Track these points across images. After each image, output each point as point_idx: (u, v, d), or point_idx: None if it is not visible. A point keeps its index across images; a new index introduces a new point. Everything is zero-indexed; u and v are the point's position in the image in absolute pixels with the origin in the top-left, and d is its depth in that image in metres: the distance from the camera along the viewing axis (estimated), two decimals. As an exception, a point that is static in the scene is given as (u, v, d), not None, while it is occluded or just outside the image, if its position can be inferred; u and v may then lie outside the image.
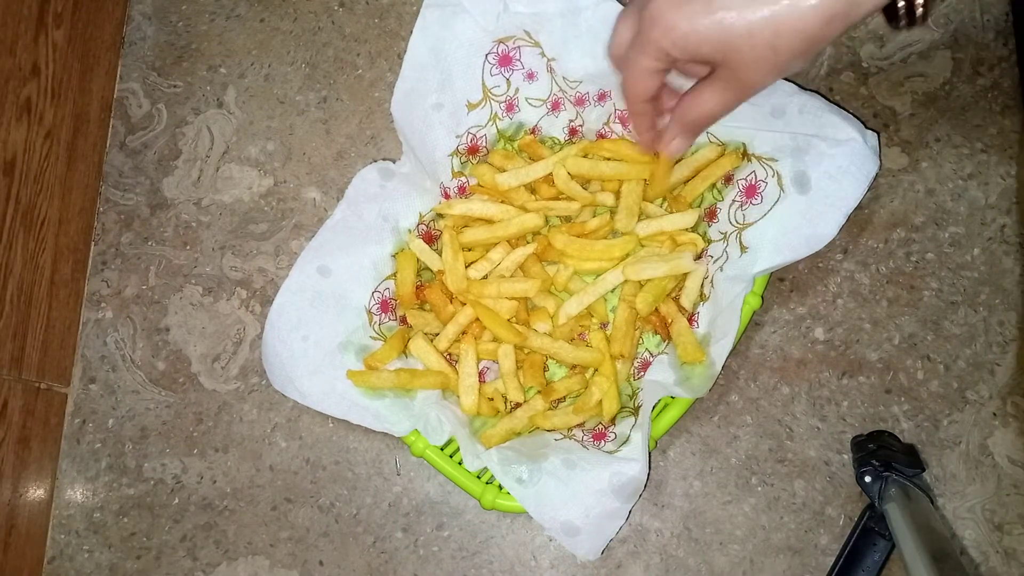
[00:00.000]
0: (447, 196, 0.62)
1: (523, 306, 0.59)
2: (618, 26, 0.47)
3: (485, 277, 0.60)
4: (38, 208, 0.63)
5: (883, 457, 0.56)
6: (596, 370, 0.59)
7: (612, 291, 0.59)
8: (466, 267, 0.59)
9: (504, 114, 0.62)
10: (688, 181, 0.60)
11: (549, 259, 0.61)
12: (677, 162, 0.61)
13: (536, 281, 0.58)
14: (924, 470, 0.57)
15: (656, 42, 0.42)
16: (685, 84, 0.48)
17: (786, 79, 0.57)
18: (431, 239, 0.62)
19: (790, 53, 0.40)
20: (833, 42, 0.65)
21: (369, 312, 0.60)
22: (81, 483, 0.63)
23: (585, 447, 0.57)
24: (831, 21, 0.39)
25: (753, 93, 0.44)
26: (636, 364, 0.60)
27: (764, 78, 0.43)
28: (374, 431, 0.58)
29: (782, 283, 0.63)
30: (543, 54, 0.60)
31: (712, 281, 0.58)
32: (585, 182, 0.62)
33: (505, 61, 0.60)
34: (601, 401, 0.57)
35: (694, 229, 0.60)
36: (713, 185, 0.60)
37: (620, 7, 0.58)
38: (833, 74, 0.65)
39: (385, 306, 0.60)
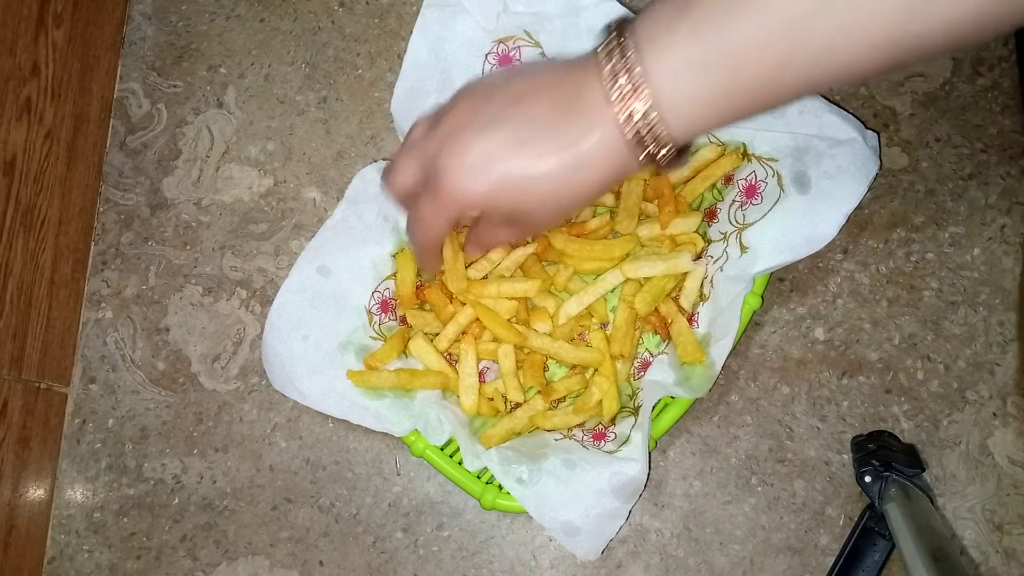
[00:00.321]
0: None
1: (523, 306, 0.59)
2: (400, 163, 0.45)
3: (485, 277, 0.60)
4: (38, 208, 0.63)
5: (883, 457, 0.56)
6: (596, 370, 0.59)
7: (612, 291, 0.59)
8: (466, 267, 0.59)
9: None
10: (688, 181, 0.60)
11: (549, 259, 0.61)
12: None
13: (536, 281, 0.58)
14: (924, 470, 0.57)
15: (449, 206, 0.42)
16: None
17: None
18: (431, 239, 0.62)
19: (571, 202, 0.41)
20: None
21: (369, 312, 0.60)
22: (81, 483, 0.63)
23: (585, 447, 0.57)
24: (609, 180, 0.40)
25: (540, 231, 0.52)
26: (636, 364, 0.60)
27: (551, 222, 0.45)
28: (374, 431, 0.58)
29: (782, 283, 0.63)
30: (543, 54, 0.60)
31: (712, 281, 0.58)
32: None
33: (505, 61, 0.60)
34: (601, 401, 0.57)
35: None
36: (713, 185, 0.60)
37: (620, 7, 0.58)
38: (833, 74, 0.65)
39: (385, 306, 0.60)
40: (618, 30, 0.37)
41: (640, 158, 0.38)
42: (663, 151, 0.37)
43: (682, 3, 0.35)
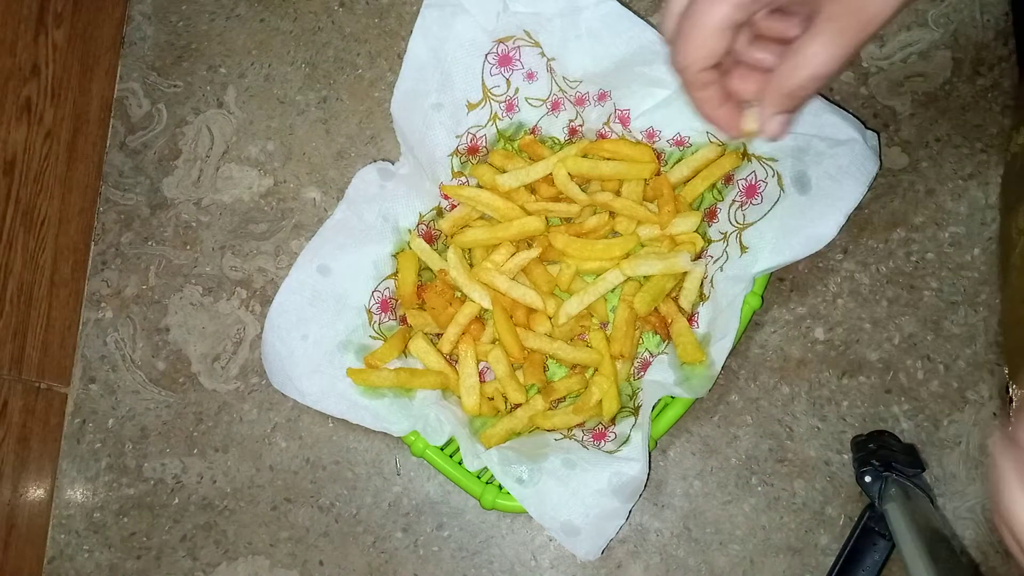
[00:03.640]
0: (447, 196, 0.62)
1: (523, 308, 0.59)
2: None
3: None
4: (38, 208, 0.63)
5: (883, 457, 0.56)
6: (596, 370, 0.59)
7: (612, 291, 0.59)
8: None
9: (504, 114, 0.62)
10: (688, 181, 0.60)
11: (550, 259, 0.61)
12: (676, 162, 0.61)
13: (540, 297, 0.58)
14: (924, 470, 0.57)
15: None
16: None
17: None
18: (431, 239, 0.62)
19: None
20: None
21: (369, 311, 0.60)
22: (81, 483, 0.63)
23: (585, 447, 0.56)
24: None
25: (871, 34, 0.34)
26: (636, 364, 0.60)
27: (883, 13, 0.33)
28: (374, 431, 0.58)
29: (782, 283, 0.63)
30: (543, 54, 0.60)
31: (712, 281, 0.58)
32: (585, 182, 0.62)
33: (505, 61, 0.60)
34: (601, 401, 0.57)
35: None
36: (713, 185, 0.60)
37: (620, 7, 0.58)
38: (833, 74, 0.65)
39: (385, 306, 0.60)
40: None
41: None
42: None
43: None
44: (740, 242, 0.57)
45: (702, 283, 0.59)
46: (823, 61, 0.35)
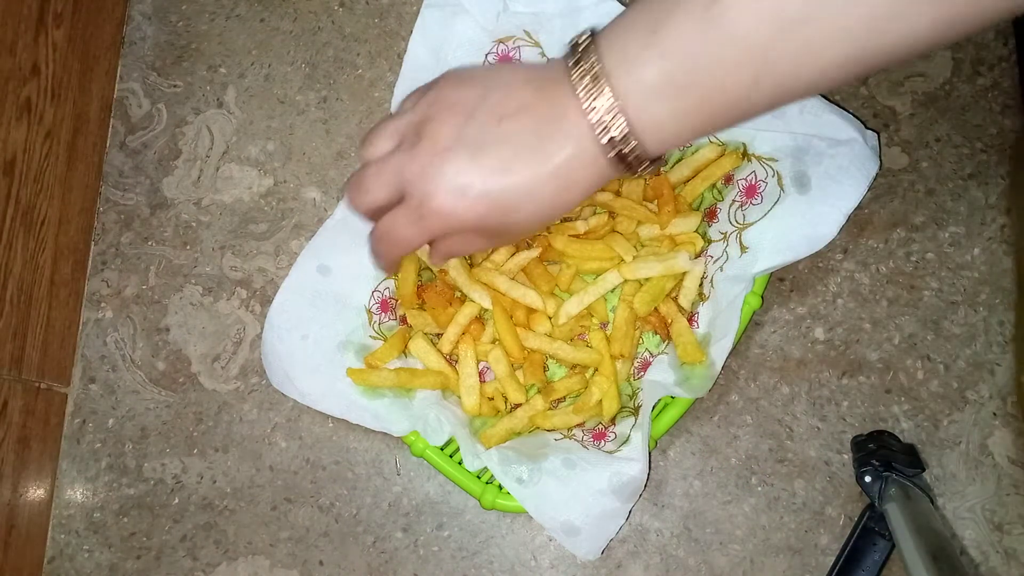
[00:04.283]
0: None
1: (523, 308, 0.59)
2: (370, 182, 0.43)
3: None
4: (38, 208, 0.63)
5: (883, 457, 0.56)
6: (596, 370, 0.59)
7: (612, 291, 0.59)
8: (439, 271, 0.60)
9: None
10: (688, 181, 0.60)
11: (550, 259, 0.61)
12: (676, 163, 0.61)
13: (540, 297, 0.58)
14: (924, 470, 0.57)
15: (434, 226, 0.42)
16: None
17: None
18: (431, 239, 0.62)
19: (555, 215, 0.42)
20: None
21: (369, 311, 0.60)
22: (81, 483, 0.63)
23: (585, 447, 0.57)
24: (590, 190, 0.41)
25: (516, 241, 0.47)
26: (636, 364, 0.60)
27: (531, 233, 0.47)
28: (374, 431, 0.58)
29: (782, 283, 0.63)
30: (543, 54, 0.60)
31: (712, 281, 0.58)
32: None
33: (505, 61, 0.60)
34: (601, 401, 0.57)
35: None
36: (713, 185, 0.60)
37: (620, 7, 0.58)
38: (833, 74, 0.65)
39: (385, 305, 0.60)
40: (585, 50, 0.39)
41: (619, 170, 0.40)
42: (641, 166, 0.40)
43: (649, 27, 0.37)
44: (740, 242, 0.57)
45: (702, 283, 0.59)
46: (476, 248, 0.45)
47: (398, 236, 0.44)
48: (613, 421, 0.58)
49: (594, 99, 0.38)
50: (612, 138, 0.38)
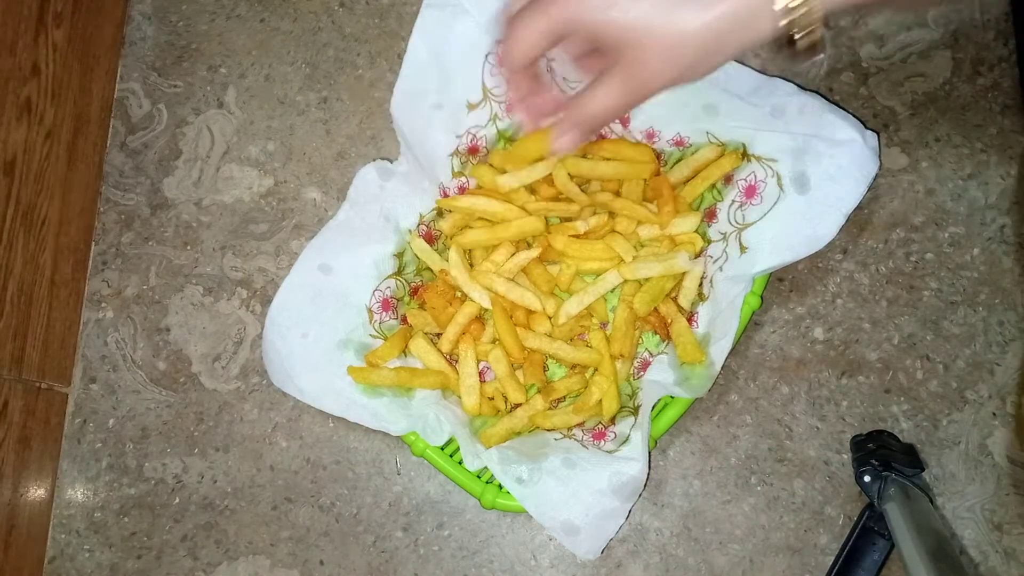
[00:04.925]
0: (446, 196, 0.62)
1: (523, 308, 0.60)
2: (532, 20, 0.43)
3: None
4: (38, 208, 0.63)
5: (883, 457, 0.56)
6: (596, 370, 0.59)
7: (612, 291, 0.59)
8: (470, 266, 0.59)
9: (504, 114, 0.62)
10: (688, 181, 0.60)
11: (550, 259, 0.61)
12: (676, 163, 0.61)
13: (539, 299, 0.58)
14: (924, 470, 0.57)
15: (564, 8, 0.41)
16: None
17: (785, 79, 0.57)
18: (431, 239, 0.62)
19: (689, 60, 0.41)
20: (832, 43, 0.65)
21: (369, 310, 0.60)
22: (82, 483, 0.63)
23: (585, 447, 0.57)
24: (727, 36, 0.40)
25: (647, 97, 0.43)
26: (636, 364, 0.60)
27: (661, 81, 0.42)
28: (375, 431, 0.58)
29: (782, 283, 0.63)
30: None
31: (712, 281, 0.58)
32: (585, 182, 0.62)
33: (505, 61, 0.60)
34: (601, 401, 0.57)
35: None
36: (713, 185, 0.60)
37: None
38: (833, 74, 0.65)
39: (386, 305, 0.61)
40: None
41: (778, 34, 0.40)
42: (805, 32, 0.39)
43: None
44: (740, 242, 0.57)
45: (701, 283, 0.59)
46: (603, 103, 0.44)
47: (524, 24, 0.43)
48: (613, 421, 0.58)
49: None
50: None
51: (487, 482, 0.57)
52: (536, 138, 0.53)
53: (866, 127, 0.55)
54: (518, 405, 0.58)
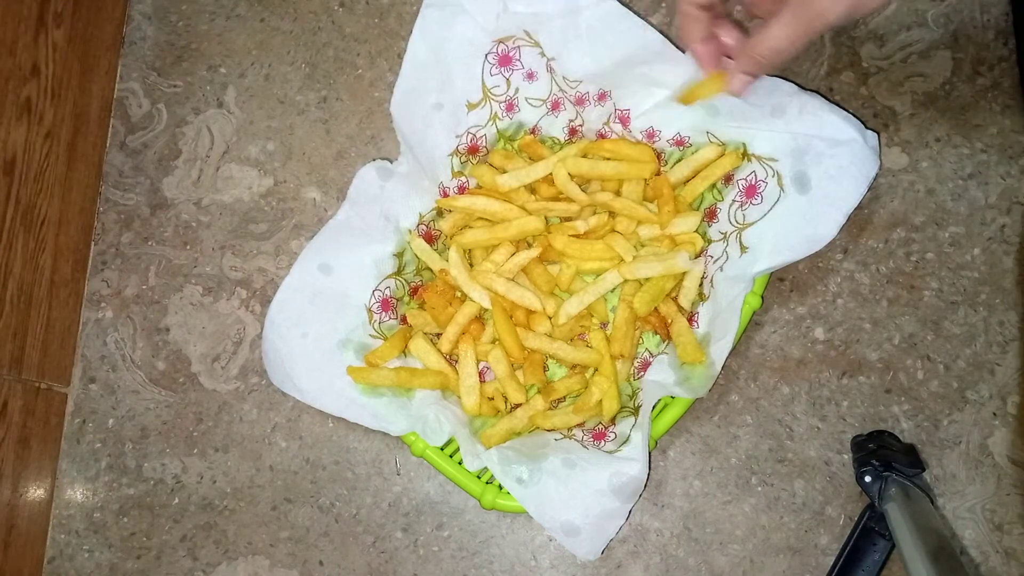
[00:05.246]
0: (446, 196, 0.62)
1: (523, 308, 0.59)
2: None
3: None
4: (38, 208, 0.63)
5: (883, 457, 0.56)
6: (596, 370, 0.59)
7: (612, 291, 0.59)
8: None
9: (504, 114, 0.62)
10: (688, 181, 0.60)
11: (550, 259, 0.61)
12: (677, 162, 0.61)
13: (538, 299, 0.58)
14: (924, 470, 0.57)
15: None
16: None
17: (785, 79, 0.57)
18: (431, 239, 0.62)
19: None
20: (833, 42, 0.65)
21: (369, 310, 0.60)
22: (81, 483, 0.63)
23: (585, 447, 0.57)
24: None
25: (820, 31, 0.46)
26: (636, 364, 0.60)
27: (835, 12, 0.44)
28: (374, 431, 0.58)
29: (782, 283, 0.63)
30: (543, 54, 0.60)
31: (712, 281, 0.58)
32: (585, 182, 0.62)
33: (505, 61, 0.60)
34: (601, 401, 0.57)
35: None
36: (713, 185, 0.60)
37: (620, 7, 0.58)
38: (833, 74, 0.65)
39: (386, 305, 0.60)
40: None
41: None
42: None
43: None
44: (740, 242, 0.57)
45: (702, 283, 0.59)
46: (779, 39, 0.47)
47: None
48: (613, 421, 0.58)
49: None
50: None
51: (487, 482, 0.57)
52: (713, 79, 0.55)
53: (866, 127, 0.55)
54: (518, 405, 0.58)
